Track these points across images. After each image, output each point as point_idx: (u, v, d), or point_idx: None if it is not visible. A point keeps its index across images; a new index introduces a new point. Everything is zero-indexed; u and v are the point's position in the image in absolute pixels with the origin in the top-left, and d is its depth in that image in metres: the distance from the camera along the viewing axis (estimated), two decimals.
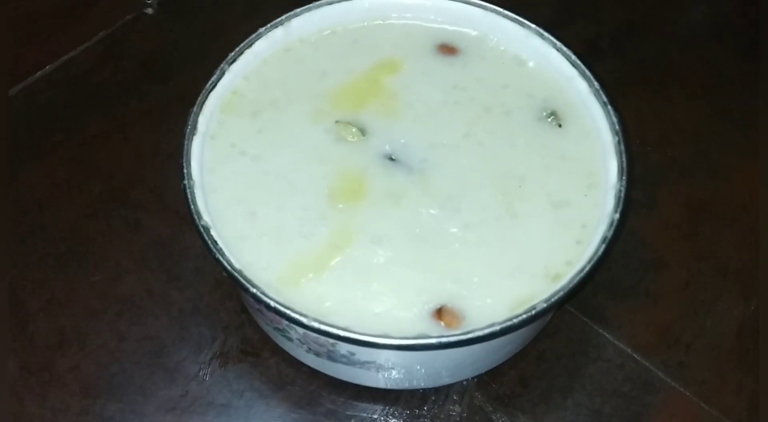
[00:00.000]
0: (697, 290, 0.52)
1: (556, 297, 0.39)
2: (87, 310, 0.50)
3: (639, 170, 0.57)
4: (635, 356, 0.49)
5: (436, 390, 0.48)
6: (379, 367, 0.43)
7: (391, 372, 0.44)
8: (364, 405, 0.48)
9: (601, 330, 0.50)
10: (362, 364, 0.43)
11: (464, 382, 0.48)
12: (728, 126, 0.60)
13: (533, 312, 0.38)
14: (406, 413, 0.47)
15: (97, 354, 0.49)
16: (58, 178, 0.56)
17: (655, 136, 0.59)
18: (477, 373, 0.48)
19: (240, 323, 0.50)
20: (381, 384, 0.46)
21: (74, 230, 0.53)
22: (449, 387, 0.48)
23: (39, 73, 0.60)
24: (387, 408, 0.48)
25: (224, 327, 0.50)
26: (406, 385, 0.46)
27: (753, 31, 0.65)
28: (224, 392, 0.48)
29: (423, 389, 0.48)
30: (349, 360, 0.42)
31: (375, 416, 0.47)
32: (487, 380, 0.48)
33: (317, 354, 0.44)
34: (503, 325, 0.38)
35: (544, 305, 0.38)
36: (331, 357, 0.43)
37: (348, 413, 0.47)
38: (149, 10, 0.65)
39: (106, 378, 0.48)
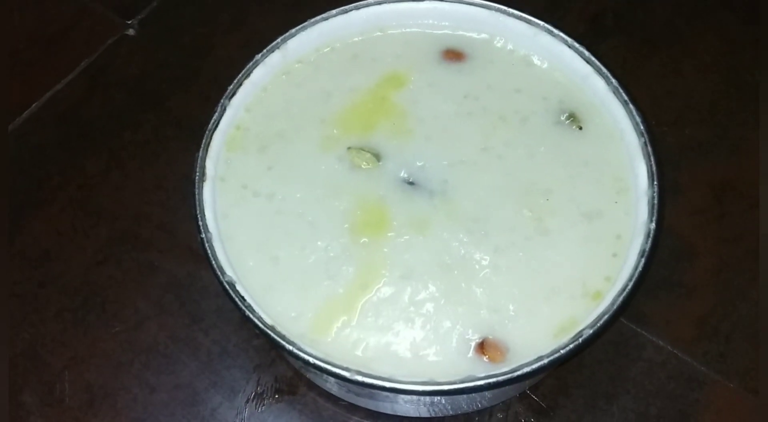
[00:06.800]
0: (729, 276, 0.51)
1: (601, 322, 0.37)
2: (112, 364, 0.49)
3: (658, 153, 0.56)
4: (676, 352, 0.48)
5: (479, 410, 0.47)
6: (424, 402, 0.42)
7: (434, 404, 0.43)
8: None
9: (638, 329, 0.49)
10: (406, 401, 0.42)
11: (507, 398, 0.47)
12: (743, 95, 0.58)
13: (580, 340, 0.37)
14: None
15: (129, 410, 0.47)
16: (63, 225, 0.54)
17: (670, 115, 0.57)
18: (521, 390, 0.47)
19: (271, 360, 0.49)
20: (424, 414, 0.45)
21: (87, 279, 0.52)
22: (492, 404, 0.47)
23: (26, 114, 0.58)
24: None
25: (255, 366, 0.49)
26: (449, 412, 0.45)
27: None
28: None
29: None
30: (393, 400, 0.41)
31: None
32: (528, 392, 0.48)
33: (357, 394, 0.43)
34: (551, 358, 0.37)
35: (590, 332, 0.37)
36: (374, 397, 0.42)
37: None
38: (131, 31, 0.62)
39: None
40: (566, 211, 0.42)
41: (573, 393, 0.47)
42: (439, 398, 0.42)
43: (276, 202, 0.43)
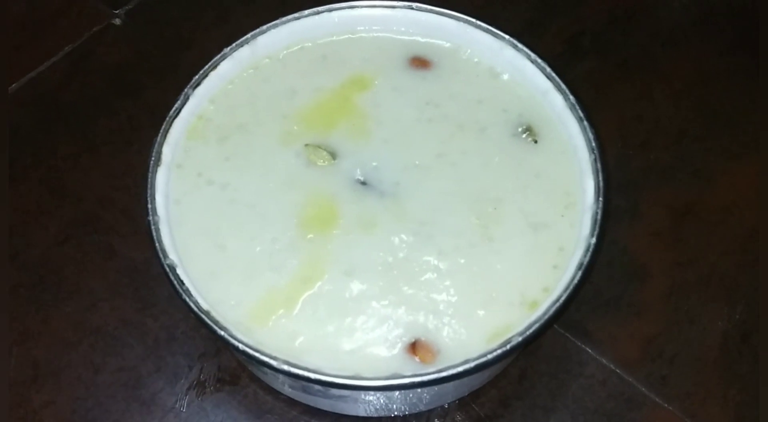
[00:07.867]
0: (680, 300, 0.51)
1: (531, 330, 0.38)
2: (61, 342, 0.49)
3: (621, 175, 0.56)
4: (618, 371, 0.49)
5: (417, 414, 0.47)
6: (356, 399, 0.42)
7: (369, 403, 0.43)
8: None
9: (583, 346, 0.50)
10: (339, 398, 0.42)
11: (446, 405, 0.47)
12: (712, 125, 0.58)
13: (508, 346, 0.37)
14: None
15: (72, 388, 0.48)
16: (29, 203, 0.54)
17: (637, 138, 0.58)
18: (459, 397, 0.47)
19: (216, 350, 0.49)
20: (360, 413, 0.45)
21: (46, 258, 0.52)
22: (430, 410, 0.47)
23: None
24: None
25: (200, 354, 0.49)
26: (385, 413, 0.46)
27: (736, 24, 0.63)
28: None
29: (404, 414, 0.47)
30: (325, 395, 0.42)
31: None
32: (468, 401, 0.48)
33: (293, 388, 0.43)
34: (477, 362, 0.37)
35: (519, 339, 0.38)
36: (307, 391, 0.42)
37: None
38: (117, 21, 0.63)
39: (81, 413, 0.47)
40: (513, 221, 0.43)
41: (512, 404, 0.48)
42: (374, 396, 0.42)
43: (229, 192, 0.44)
